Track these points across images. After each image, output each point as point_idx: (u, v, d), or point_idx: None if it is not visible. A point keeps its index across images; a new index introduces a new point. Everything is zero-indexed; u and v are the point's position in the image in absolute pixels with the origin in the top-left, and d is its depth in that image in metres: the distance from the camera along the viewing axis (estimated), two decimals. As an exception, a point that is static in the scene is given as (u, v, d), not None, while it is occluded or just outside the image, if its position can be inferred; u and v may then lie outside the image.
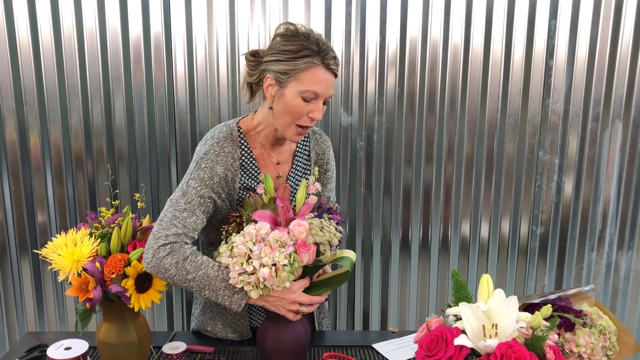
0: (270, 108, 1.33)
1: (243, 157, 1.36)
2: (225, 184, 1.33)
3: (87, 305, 1.16)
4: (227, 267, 1.20)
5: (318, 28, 1.93)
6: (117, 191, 2.01)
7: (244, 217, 1.27)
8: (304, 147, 1.47)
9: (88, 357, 1.25)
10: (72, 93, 1.94)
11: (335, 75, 1.31)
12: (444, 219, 2.12)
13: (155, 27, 1.91)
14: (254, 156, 1.38)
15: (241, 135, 1.38)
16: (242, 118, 1.43)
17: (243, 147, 1.37)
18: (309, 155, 1.48)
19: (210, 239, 1.44)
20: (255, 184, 1.38)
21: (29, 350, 1.41)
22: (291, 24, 1.31)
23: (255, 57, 1.35)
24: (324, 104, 1.30)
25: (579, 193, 2.12)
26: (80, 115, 1.96)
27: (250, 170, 1.38)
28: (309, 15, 1.93)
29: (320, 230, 1.23)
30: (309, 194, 1.28)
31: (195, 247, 1.26)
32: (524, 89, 2.02)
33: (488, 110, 2.03)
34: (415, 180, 2.08)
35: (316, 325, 1.57)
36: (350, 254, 1.30)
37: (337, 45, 1.96)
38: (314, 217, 1.28)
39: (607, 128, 2.07)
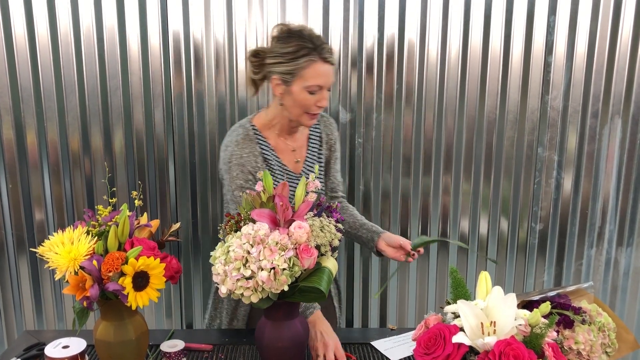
0: (282, 104, 1.49)
1: (263, 151, 1.53)
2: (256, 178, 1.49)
3: (85, 303, 1.16)
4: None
5: (316, 25, 1.92)
6: (115, 189, 2.00)
7: (242, 216, 1.26)
8: (315, 131, 1.62)
9: (86, 356, 1.25)
10: (69, 91, 1.94)
11: (333, 64, 1.44)
12: (442, 215, 2.11)
13: (152, 25, 1.90)
14: (271, 146, 1.55)
15: (256, 132, 1.54)
16: (254, 116, 1.59)
17: (260, 142, 1.53)
18: (320, 138, 1.63)
19: None
20: (280, 169, 1.55)
21: (27, 348, 1.41)
22: (283, 24, 1.46)
23: (257, 57, 1.48)
24: (327, 90, 1.46)
25: (578, 189, 2.11)
26: (78, 113, 1.95)
27: (272, 159, 1.54)
28: (306, 12, 1.92)
29: (321, 230, 1.23)
30: (308, 192, 1.28)
31: None
32: (523, 85, 2.01)
33: (487, 106, 2.02)
34: (414, 177, 2.07)
35: (338, 322, 1.71)
36: (331, 265, 1.25)
37: (335, 42, 1.95)
38: (313, 216, 1.27)
39: (607, 124, 2.06)
